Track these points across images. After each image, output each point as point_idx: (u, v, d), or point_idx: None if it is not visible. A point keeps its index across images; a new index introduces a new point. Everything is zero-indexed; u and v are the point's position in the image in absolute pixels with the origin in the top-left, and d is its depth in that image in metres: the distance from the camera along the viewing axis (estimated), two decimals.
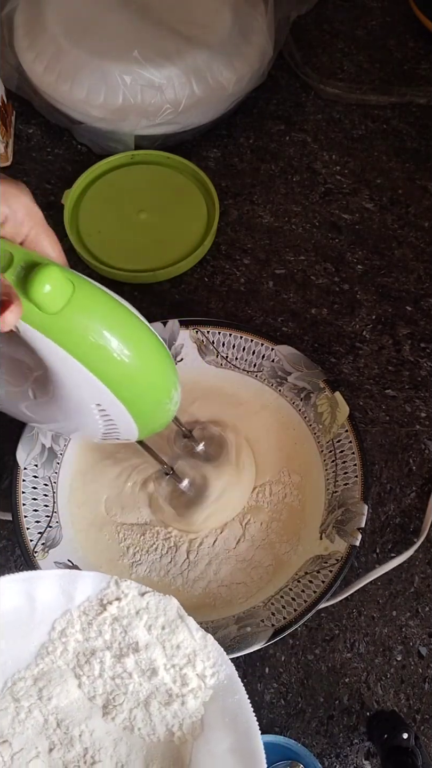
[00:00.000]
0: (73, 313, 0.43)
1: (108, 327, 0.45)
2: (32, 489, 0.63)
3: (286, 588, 0.59)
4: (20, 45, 0.81)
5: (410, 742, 0.53)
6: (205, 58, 0.78)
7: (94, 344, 0.44)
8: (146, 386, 0.49)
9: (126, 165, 0.82)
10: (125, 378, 0.47)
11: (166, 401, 0.51)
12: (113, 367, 0.46)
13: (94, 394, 0.47)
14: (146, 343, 0.48)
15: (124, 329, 0.46)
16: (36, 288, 0.41)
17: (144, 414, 0.50)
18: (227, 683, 0.50)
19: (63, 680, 0.51)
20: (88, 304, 0.44)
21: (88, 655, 0.52)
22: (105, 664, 0.51)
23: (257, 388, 0.68)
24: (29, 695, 0.51)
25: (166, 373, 0.50)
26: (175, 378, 0.51)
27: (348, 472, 0.62)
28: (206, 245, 0.77)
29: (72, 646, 0.52)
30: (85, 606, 0.52)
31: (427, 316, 0.75)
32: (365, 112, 0.87)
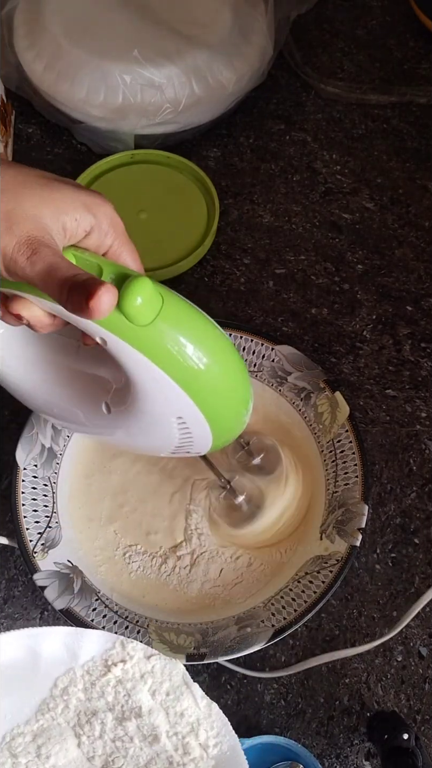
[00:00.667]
0: (162, 324, 0.43)
1: (194, 339, 0.44)
2: (32, 489, 0.63)
3: (287, 588, 0.59)
4: (20, 45, 0.81)
5: (410, 742, 0.53)
6: (205, 57, 0.78)
7: (181, 356, 0.44)
8: (228, 397, 0.49)
9: (126, 165, 0.82)
10: (209, 389, 0.47)
11: (243, 412, 0.51)
12: (198, 378, 0.45)
13: (176, 405, 0.47)
14: (228, 353, 0.48)
15: (208, 341, 0.46)
16: (128, 300, 0.41)
17: (222, 425, 0.50)
18: (230, 755, 0.50)
19: (62, 738, 0.51)
20: (176, 316, 0.44)
21: (89, 715, 0.51)
22: (106, 725, 0.51)
23: (257, 388, 0.68)
24: (27, 752, 0.50)
25: (245, 383, 0.50)
26: (250, 388, 0.51)
27: (348, 472, 0.62)
28: (206, 245, 0.77)
29: (73, 704, 0.52)
30: (89, 665, 0.52)
31: (427, 316, 0.75)
32: (365, 111, 0.87)
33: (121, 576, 0.63)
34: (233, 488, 0.62)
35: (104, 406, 0.52)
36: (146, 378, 0.45)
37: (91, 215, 0.42)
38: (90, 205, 0.43)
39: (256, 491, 0.62)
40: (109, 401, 0.51)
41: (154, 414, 0.48)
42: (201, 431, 0.49)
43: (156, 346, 0.43)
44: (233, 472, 0.63)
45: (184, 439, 0.50)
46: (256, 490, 0.63)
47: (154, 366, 0.44)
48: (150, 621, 0.59)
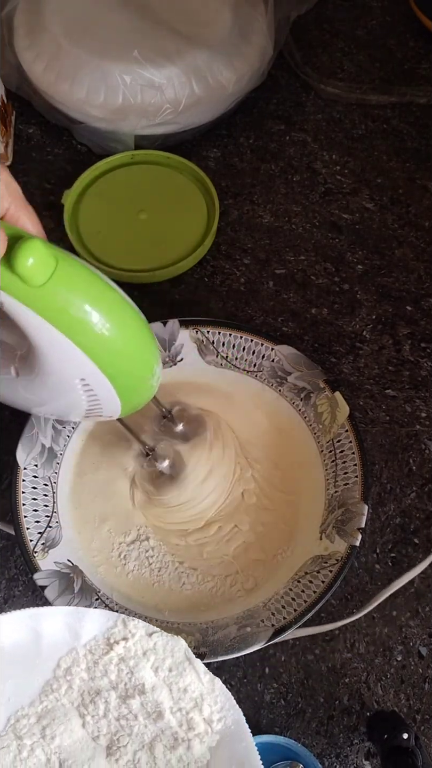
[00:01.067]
0: (56, 286, 0.44)
1: (91, 301, 0.46)
2: (32, 489, 0.63)
3: (286, 588, 0.59)
4: (20, 45, 0.81)
5: (410, 742, 0.53)
6: (205, 58, 0.78)
7: (78, 317, 0.45)
8: (129, 359, 0.50)
9: (126, 165, 0.82)
10: (108, 351, 0.48)
11: (149, 375, 0.52)
12: (96, 340, 0.47)
13: (78, 367, 0.48)
14: (128, 317, 0.49)
15: (106, 303, 0.47)
16: (20, 261, 0.42)
17: (127, 388, 0.51)
18: (234, 729, 0.50)
19: (67, 719, 0.51)
20: (72, 278, 0.45)
21: (93, 695, 0.51)
22: (110, 704, 0.51)
23: (257, 388, 0.68)
24: (32, 733, 0.50)
25: (148, 347, 0.51)
26: (156, 353, 0.52)
27: (348, 472, 0.62)
28: (206, 245, 0.77)
29: (77, 684, 0.51)
30: (91, 645, 0.52)
31: (427, 316, 0.75)
32: (365, 111, 0.87)
33: (120, 577, 0.63)
34: (156, 454, 0.63)
35: (13, 370, 0.53)
36: (45, 339, 0.46)
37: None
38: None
39: (178, 456, 0.64)
40: (17, 365, 0.52)
41: (57, 376, 0.49)
42: (106, 394, 0.50)
43: (51, 306, 0.44)
44: (158, 440, 0.64)
45: (92, 403, 0.51)
46: (177, 455, 0.64)
47: (50, 327, 0.45)
48: (150, 620, 0.59)
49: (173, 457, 0.63)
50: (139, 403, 0.55)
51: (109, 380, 0.49)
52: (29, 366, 0.50)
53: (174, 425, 0.64)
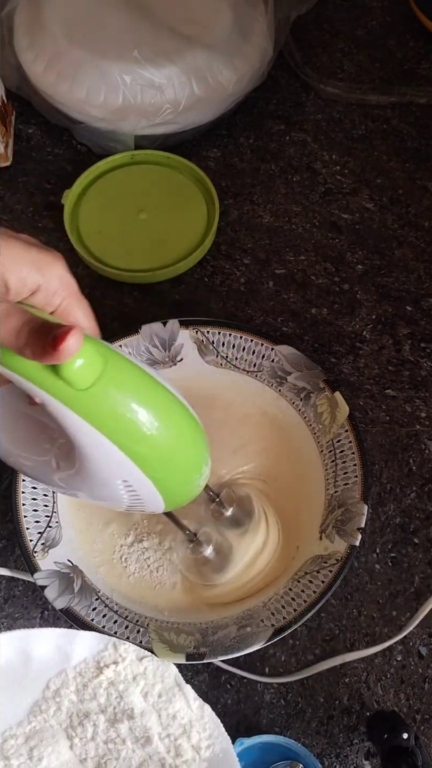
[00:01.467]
0: (103, 388, 0.41)
1: (138, 402, 0.43)
2: (32, 489, 0.63)
3: (286, 588, 0.59)
4: (20, 45, 0.81)
5: (410, 742, 0.53)
6: (205, 58, 0.78)
7: (123, 420, 0.42)
8: (176, 463, 0.47)
9: (126, 165, 0.82)
10: (154, 455, 0.45)
11: (196, 477, 0.49)
12: (142, 443, 0.44)
13: (121, 470, 0.45)
14: (178, 417, 0.46)
15: (155, 404, 0.44)
16: (67, 363, 0.39)
17: (172, 490, 0.48)
18: (222, 757, 0.49)
19: (55, 740, 0.50)
20: (119, 378, 0.42)
21: (81, 717, 0.51)
22: (98, 727, 0.51)
23: (257, 388, 0.68)
24: (19, 754, 0.50)
25: (198, 449, 0.48)
26: (206, 453, 0.49)
27: (348, 472, 0.62)
28: (206, 245, 0.77)
29: (66, 706, 0.51)
30: (81, 667, 0.52)
31: (427, 316, 0.75)
32: (365, 111, 0.87)
33: (120, 578, 0.63)
34: (199, 540, 0.60)
35: (53, 462, 0.50)
36: (87, 441, 0.43)
37: (38, 274, 0.41)
38: (39, 264, 0.41)
39: (225, 542, 0.61)
40: (56, 455, 0.50)
41: (99, 476, 0.46)
42: (149, 494, 0.47)
43: (96, 410, 0.41)
44: (203, 524, 0.62)
45: (134, 500, 0.48)
46: (224, 540, 0.61)
47: (94, 430, 0.42)
48: (150, 620, 0.59)
49: (220, 543, 0.61)
50: (184, 501, 0.51)
51: (153, 483, 0.46)
52: (70, 460, 0.47)
53: (223, 510, 0.62)
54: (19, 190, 0.82)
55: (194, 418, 0.48)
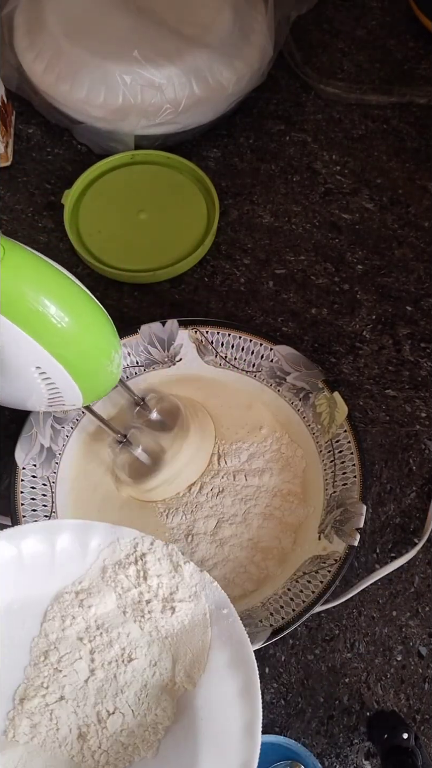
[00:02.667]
0: (7, 277, 0.44)
1: (40, 288, 0.46)
2: (31, 489, 0.63)
3: (285, 588, 0.59)
4: (20, 45, 0.81)
5: (410, 742, 0.53)
6: (205, 58, 0.78)
7: (27, 305, 0.45)
8: (85, 348, 0.50)
9: (126, 165, 0.82)
10: (62, 339, 0.48)
11: (107, 363, 0.52)
12: (48, 328, 0.46)
13: (33, 356, 0.47)
14: (81, 304, 0.49)
15: (57, 290, 0.47)
16: None
17: (86, 376, 0.51)
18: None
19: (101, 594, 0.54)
20: (19, 265, 0.45)
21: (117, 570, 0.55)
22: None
23: (256, 388, 0.68)
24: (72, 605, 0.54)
25: (104, 335, 0.51)
26: (114, 340, 0.52)
27: (347, 472, 0.62)
28: (206, 245, 0.77)
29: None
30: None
31: (427, 316, 0.75)
32: (365, 112, 0.87)
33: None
34: (129, 441, 0.63)
35: None
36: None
37: None
38: None
39: (155, 445, 0.64)
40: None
41: (13, 365, 0.49)
42: (64, 382, 0.50)
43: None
44: (131, 428, 0.64)
45: (52, 392, 0.51)
46: (154, 443, 0.64)
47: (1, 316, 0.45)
48: None
49: (149, 444, 0.64)
50: (102, 391, 0.55)
51: (65, 368, 0.49)
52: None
53: (148, 413, 0.64)
54: (19, 190, 0.82)
55: (98, 306, 0.51)
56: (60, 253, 0.78)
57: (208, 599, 0.53)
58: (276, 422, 0.68)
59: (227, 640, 0.52)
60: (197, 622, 0.53)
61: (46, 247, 0.79)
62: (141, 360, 0.68)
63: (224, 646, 0.52)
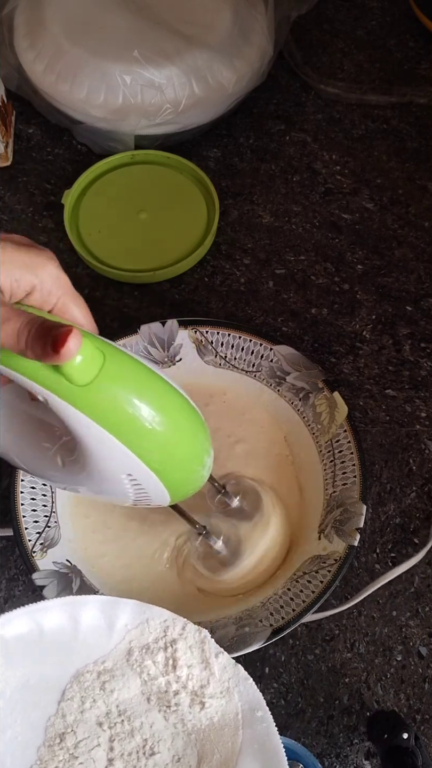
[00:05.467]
0: (103, 383, 0.42)
1: (139, 396, 0.43)
2: (30, 489, 0.63)
3: (285, 588, 0.59)
4: (20, 45, 0.81)
5: (410, 742, 0.53)
6: (205, 58, 0.78)
7: (125, 414, 0.43)
8: (178, 455, 0.47)
9: (126, 165, 0.82)
10: (157, 447, 0.45)
11: (199, 468, 0.50)
12: (144, 436, 0.44)
13: (124, 464, 0.45)
14: (178, 410, 0.47)
15: (155, 397, 0.45)
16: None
17: (176, 482, 0.49)
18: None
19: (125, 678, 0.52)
20: (119, 373, 0.43)
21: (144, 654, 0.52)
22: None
23: (256, 388, 0.68)
24: (93, 687, 0.51)
25: (199, 440, 0.49)
26: (208, 444, 0.50)
27: (347, 472, 0.62)
28: (206, 245, 0.77)
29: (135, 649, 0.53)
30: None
31: (427, 316, 0.75)
32: (365, 112, 0.87)
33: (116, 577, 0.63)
34: (209, 533, 0.60)
35: (59, 459, 0.51)
36: (90, 437, 0.44)
37: (32, 275, 0.42)
38: (32, 265, 0.42)
39: (235, 535, 0.61)
40: (60, 452, 0.50)
41: (103, 471, 0.47)
42: (154, 487, 0.48)
43: (97, 405, 0.42)
44: (211, 517, 0.62)
45: (140, 494, 0.49)
46: (234, 534, 0.61)
47: (96, 425, 0.43)
48: None
49: (229, 535, 0.61)
50: (189, 492, 0.52)
51: (157, 475, 0.46)
52: (74, 456, 0.48)
53: (230, 501, 0.62)
54: (19, 190, 0.82)
55: (194, 409, 0.48)
56: (60, 253, 0.78)
57: (242, 697, 0.50)
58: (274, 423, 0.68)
59: (260, 748, 0.48)
60: (228, 722, 0.50)
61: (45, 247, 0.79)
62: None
63: (256, 754, 0.48)
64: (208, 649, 0.51)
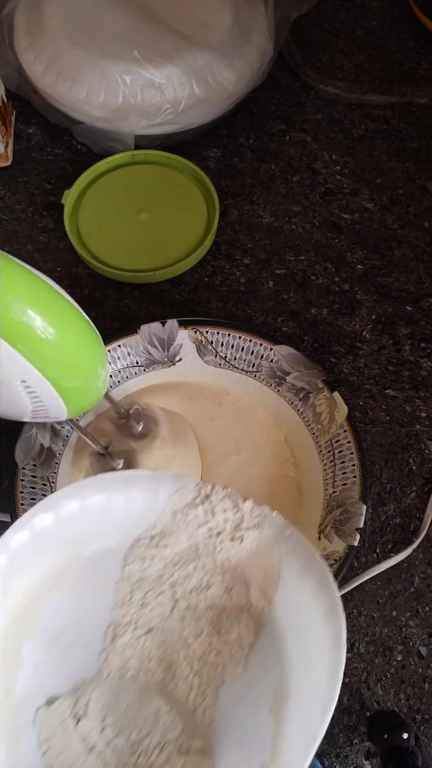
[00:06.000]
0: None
1: (29, 304, 0.46)
2: (30, 489, 0.63)
3: None
4: (20, 45, 0.81)
5: (410, 742, 0.53)
6: (205, 58, 0.78)
7: (17, 321, 0.45)
8: (72, 364, 0.50)
9: (126, 165, 0.82)
10: (50, 355, 0.48)
11: (93, 379, 0.52)
12: (37, 344, 0.46)
13: (18, 370, 0.47)
14: (71, 321, 0.49)
15: (48, 308, 0.47)
16: None
17: (71, 392, 0.51)
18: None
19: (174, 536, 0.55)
20: (11, 282, 0.45)
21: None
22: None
23: (256, 388, 0.68)
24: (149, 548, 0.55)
25: (92, 352, 0.51)
26: (102, 356, 0.52)
27: (346, 472, 0.62)
28: (206, 245, 0.77)
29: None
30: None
31: (427, 316, 0.75)
32: (365, 112, 0.87)
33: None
34: (110, 453, 0.62)
35: None
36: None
37: None
38: None
39: (133, 453, 0.63)
40: None
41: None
42: (49, 396, 0.50)
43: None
44: (114, 439, 0.64)
45: (37, 404, 0.51)
46: (133, 453, 0.63)
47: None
48: None
49: (127, 455, 0.63)
50: (86, 405, 0.55)
51: (51, 384, 0.49)
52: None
53: (132, 426, 0.64)
54: (19, 190, 0.82)
55: (88, 322, 0.51)
56: (60, 253, 0.79)
57: (271, 526, 0.54)
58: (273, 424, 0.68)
59: (293, 552, 0.52)
60: (264, 546, 0.54)
61: (45, 247, 0.79)
62: (141, 360, 0.68)
63: (293, 557, 0.52)
64: (236, 497, 0.55)
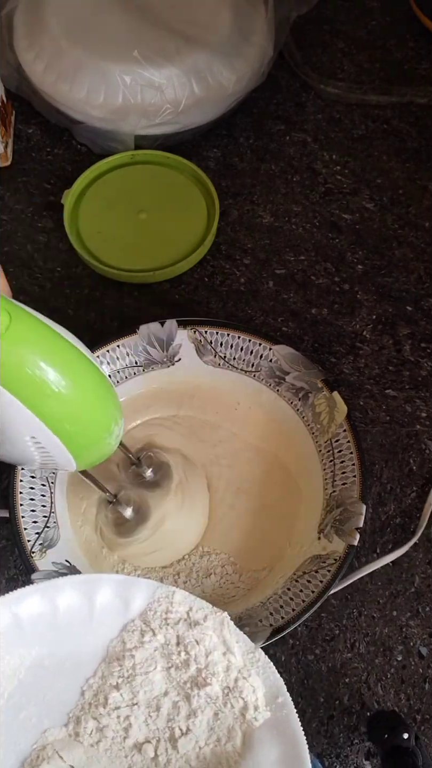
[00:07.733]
0: (8, 345, 0.41)
1: (45, 360, 0.43)
2: (29, 489, 0.63)
3: (285, 588, 0.59)
4: (20, 45, 0.81)
5: (410, 742, 0.53)
6: (205, 58, 0.78)
7: (29, 377, 0.43)
8: (84, 421, 0.47)
9: (126, 165, 0.82)
10: (61, 413, 0.45)
11: (106, 436, 0.50)
12: (49, 401, 0.44)
13: (28, 427, 0.45)
14: (86, 376, 0.47)
15: (62, 362, 0.45)
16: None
17: (82, 448, 0.49)
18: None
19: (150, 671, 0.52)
20: (25, 335, 0.43)
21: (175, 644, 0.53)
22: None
23: (255, 388, 0.68)
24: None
25: (107, 408, 0.49)
26: (116, 412, 0.50)
27: (346, 471, 0.62)
28: (206, 245, 0.77)
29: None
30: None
31: (427, 316, 0.75)
32: (365, 112, 0.87)
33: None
34: (119, 501, 0.61)
35: None
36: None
37: None
38: None
39: (144, 503, 0.62)
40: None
41: (7, 432, 0.46)
42: (58, 452, 0.47)
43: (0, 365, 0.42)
44: (123, 486, 0.63)
45: (45, 458, 0.48)
46: (142, 502, 0.62)
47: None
48: None
49: (139, 504, 0.62)
50: (96, 460, 0.52)
51: (62, 441, 0.46)
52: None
53: (143, 472, 0.63)
54: (19, 190, 0.82)
55: (103, 377, 0.48)
56: (60, 253, 0.79)
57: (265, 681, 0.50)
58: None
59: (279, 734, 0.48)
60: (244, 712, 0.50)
61: (45, 247, 0.79)
62: (140, 360, 0.68)
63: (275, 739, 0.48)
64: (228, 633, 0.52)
